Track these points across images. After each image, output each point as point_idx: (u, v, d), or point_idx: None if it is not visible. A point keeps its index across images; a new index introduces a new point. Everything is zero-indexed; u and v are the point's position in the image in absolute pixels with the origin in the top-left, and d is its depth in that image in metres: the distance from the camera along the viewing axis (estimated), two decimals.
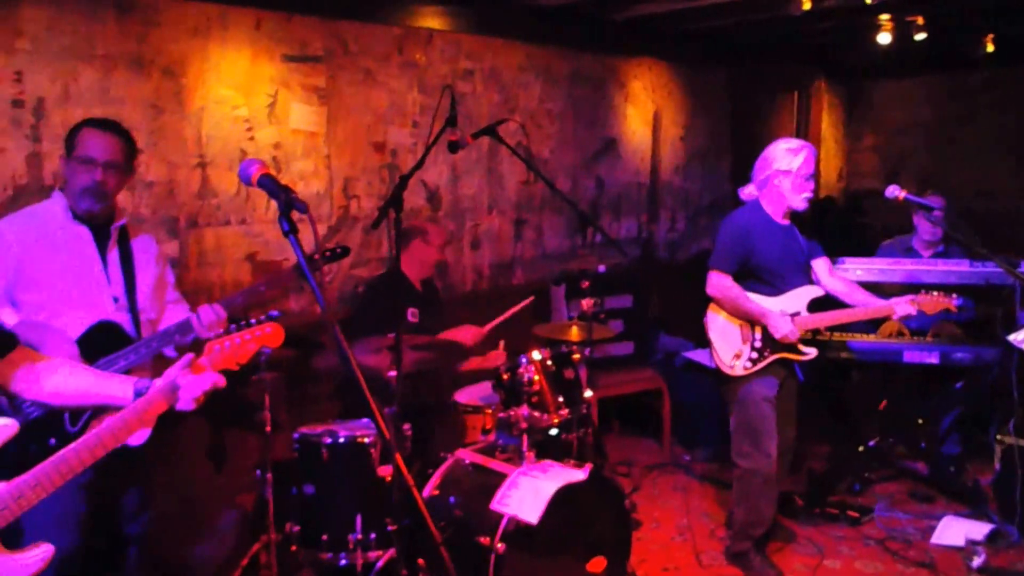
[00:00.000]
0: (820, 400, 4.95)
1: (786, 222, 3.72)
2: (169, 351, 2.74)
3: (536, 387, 3.46)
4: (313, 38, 4.21)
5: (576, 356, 3.74)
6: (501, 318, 4.07)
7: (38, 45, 3.33)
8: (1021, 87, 7.01)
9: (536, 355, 3.49)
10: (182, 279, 3.73)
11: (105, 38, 3.50)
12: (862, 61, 7.27)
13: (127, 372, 2.53)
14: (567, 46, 5.51)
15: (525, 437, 3.32)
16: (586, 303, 3.76)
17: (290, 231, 1.87)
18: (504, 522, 2.98)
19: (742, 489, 3.76)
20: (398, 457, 1.88)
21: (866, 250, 4.97)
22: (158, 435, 2.51)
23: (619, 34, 5.78)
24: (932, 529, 4.09)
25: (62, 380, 2.10)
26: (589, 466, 3.27)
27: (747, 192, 3.80)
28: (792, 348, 3.66)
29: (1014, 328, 3.77)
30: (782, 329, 3.59)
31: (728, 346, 3.72)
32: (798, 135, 7.28)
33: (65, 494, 2.29)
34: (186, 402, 2.05)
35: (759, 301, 3.68)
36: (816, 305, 3.74)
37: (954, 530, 4.02)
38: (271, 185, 1.94)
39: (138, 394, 2.06)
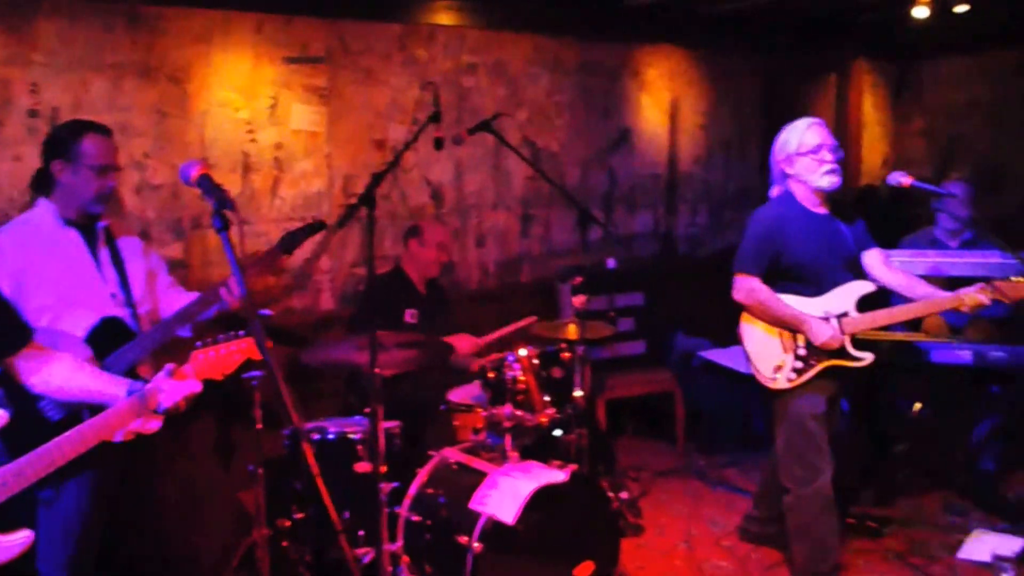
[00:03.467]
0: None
1: (824, 210, 3.70)
2: (184, 332, 3.20)
3: (522, 386, 3.81)
4: (314, 39, 4.82)
5: (566, 355, 4.08)
6: (500, 333, 4.52)
7: (52, 57, 3.98)
8: None
9: (522, 353, 3.86)
10: (187, 279, 4.36)
11: (115, 48, 4.15)
12: (909, 38, 7.42)
13: (137, 362, 3.03)
14: (577, 35, 6.02)
15: (509, 437, 3.71)
16: (578, 300, 4.07)
17: (222, 228, 2.27)
18: (481, 521, 3.30)
19: (798, 520, 3.73)
20: (306, 446, 2.31)
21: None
22: (168, 430, 2.98)
23: (633, 21, 6.25)
24: (961, 544, 4.22)
25: (66, 377, 2.57)
26: (572, 468, 3.62)
27: (772, 194, 3.86)
28: (843, 354, 3.61)
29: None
30: (822, 335, 3.55)
31: (767, 357, 3.69)
32: (837, 120, 7.58)
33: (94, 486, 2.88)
34: (164, 406, 2.48)
35: (798, 304, 3.64)
36: (870, 303, 3.70)
37: (984, 545, 4.14)
38: (207, 185, 2.41)
39: (130, 394, 2.50)
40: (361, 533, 3.66)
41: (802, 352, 3.64)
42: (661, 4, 6.10)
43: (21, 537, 2.25)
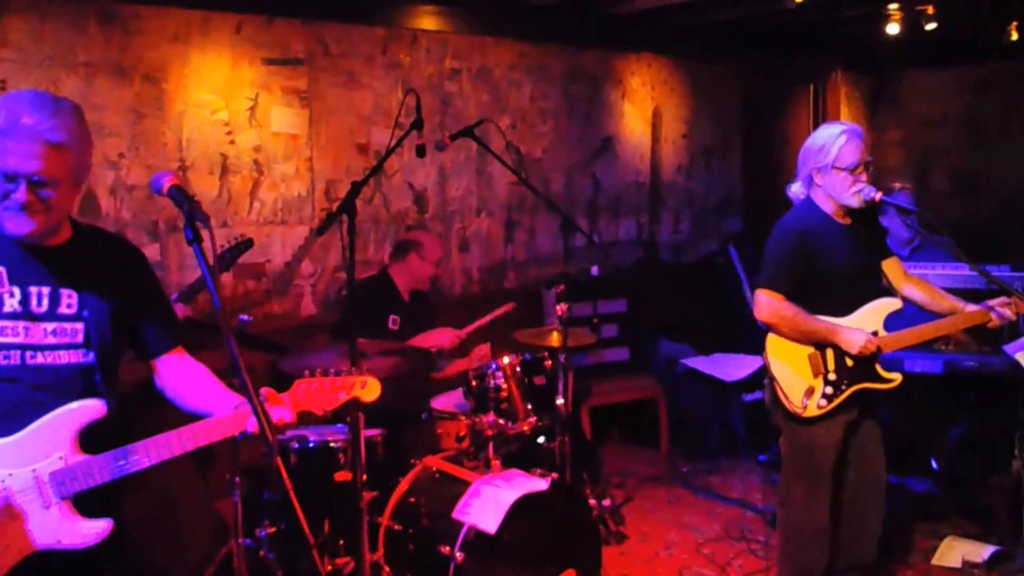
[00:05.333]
0: None
1: (847, 220, 3.41)
2: None
3: (504, 394, 3.74)
4: (294, 41, 4.63)
5: (549, 363, 3.99)
6: (480, 322, 4.41)
7: (23, 54, 3.78)
8: None
9: (505, 361, 3.77)
10: (163, 282, 4.12)
11: (87, 46, 3.95)
12: (885, 51, 7.41)
13: None
14: (562, 43, 5.89)
15: (491, 445, 3.62)
16: (561, 308, 3.94)
17: (194, 240, 2.13)
18: (464, 531, 3.22)
19: (792, 542, 3.61)
20: (279, 461, 2.16)
21: None
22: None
23: (617, 30, 6.14)
24: (934, 549, 4.20)
25: (194, 387, 2.45)
26: (554, 476, 3.52)
27: (794, 191, 3.55)
28: (873, 375, 3.39)
29: (1017, 335, 3.74)
30: (858, 342, 3.28)
31: (797, 382, 3.38)
32: (814, 130, 7.56)
33: None
34: (250, 430, 2.31)
35: None
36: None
37: (955, 551, 4.14)
38: (179, 196, 2.26)
39: (235, 408, 2.35)
40: (342, 542, 3.52)
41: (832, 376, 3.36)
42: (644, 14, 6.00)
43: (101, 525, 2.22)
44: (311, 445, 3.61)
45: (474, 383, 3.82)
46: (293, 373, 3.78)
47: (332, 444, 3.60)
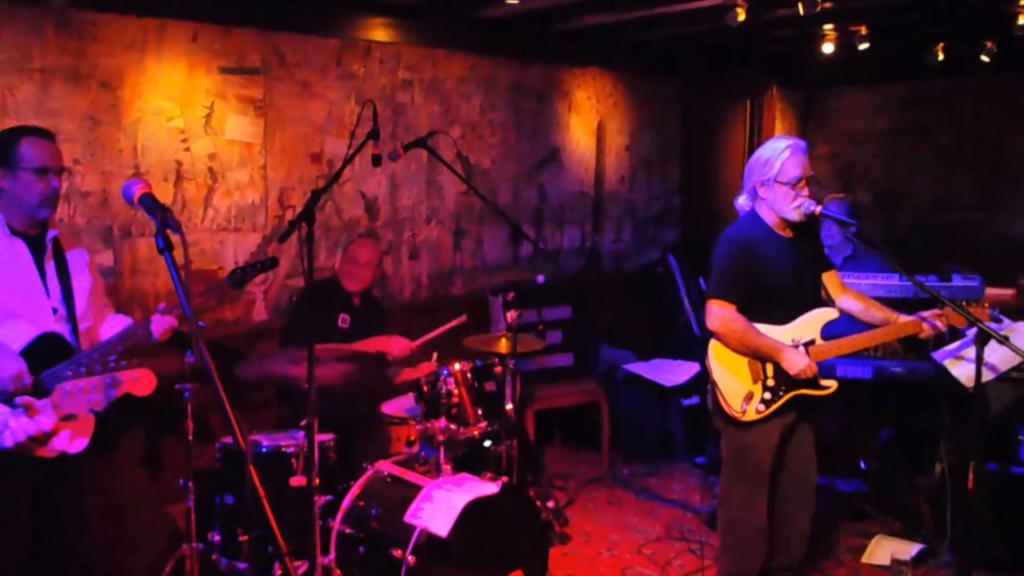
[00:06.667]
0: None
1: (789, 233, 3.47)
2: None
3: (455, 399, 3.78)
4: (250, 50, 4.61)
5: (498, 369, 4.06)
6: (432, 334, 4.43)
7: None
8: (977, 98, 7.45)
9: (456, 367, 3.82)
10: (116, 288, 4.13)
11: (43, 53, 3.88)
12: (815, 70, 7.66)
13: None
14: (510, 57, 5.96)
15: (442, 449, 3.66)
16: (511, 315, 4.04)
17: (165, 248, 2.16)
18: (416, 535, 3.25)
19: (731, 542, 3.67)
20: (251, 468, 2.18)
21: None
22: (95, 444, 2.89)
23: (563, 45, 6.25)
24: (864, 548, 4.33)
25: None
26: (504, 479, 3.58)
27: (740, 203, 3.58)
28: (811, 383, 3.44)
29: (944, 343, 3.77)
30: (798, 364, 3.35)
31: (737, 387, 3.45)
32: (750, 143, 7.72)
33: (9, 499, 2.71)
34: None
35: (767, 333, 3.44)
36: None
37: (884, 550, 4.26)
38: (150, 204, 2.30)
39: None
40: (294, 546, 3.46)
41: (771, 382, 3.43)
42: (589, 30, 6.10)
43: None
44: (264, 451, 3.60)
45: (425, 388, 3.85)
46: (247, 378, 3.83)
47: (285, 449, 3.61)
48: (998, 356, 3.40)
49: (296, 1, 4.77)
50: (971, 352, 3.30)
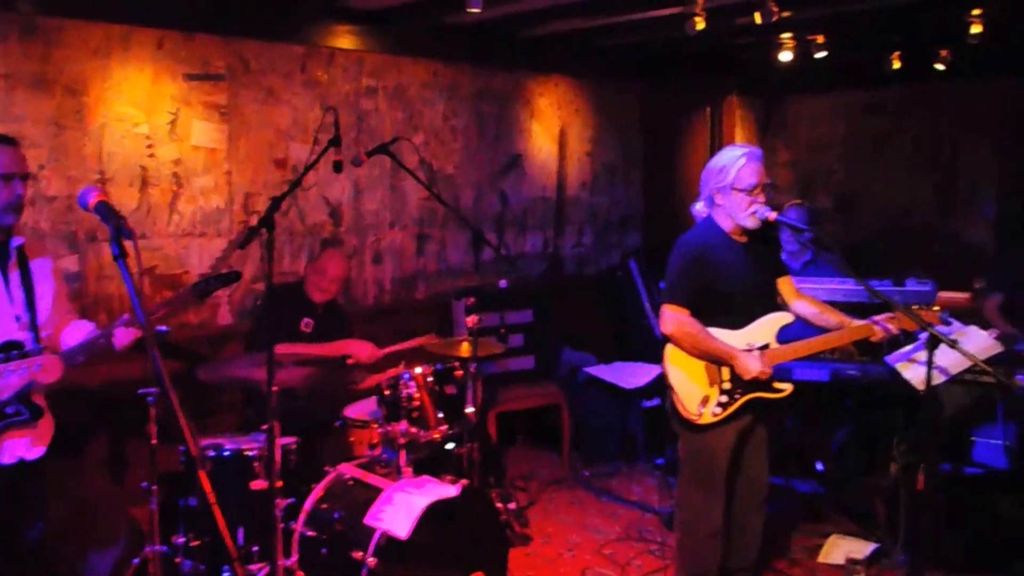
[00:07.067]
0: None
1: (744, 239, 3.52)
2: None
3: (416, 403, 3.80)
4: (215, 56, 4.66)
5: (459, 373, 4.09)
6: (401, 346, 4.44)
7: None
8: (935, 104, 7.53)
9: (417, 371, 3.84)
10: (82, 292, 4.16)
11: (8, 58, 3.92)
12: (774, 77, 7.71)
13: (33, 388, 2.88)
14: (473, 64, 6.03)
15: (404, 452, 3.69)
16: (472, 319, 4.07)
17: (119, 255, 2.21)
18: (376, 537, 3.27)
19: (688, 543, 3.70)
20: (202, 474, 2.26)
21: None
22: (58, 448, 2.95)
23: (526, 52, 6.32)
24: (820, 547, 4.37)
25: None
26: (464, 482, 3.61)
27: (697, 209, 3.62)
28: (766, 386, 3.48)
29: (898, 347, 3.79)
30: (751, 369, 3.38)
31: (693, 391, 3.47)
32: (711, 150, 7.80)
33: None
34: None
35: (722, 337, 3.45)
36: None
37: (839, 549, 4.30)
38: (106, 212, 2.33)
39: None
40: (256, 549, 3.54)
41: (727, 386, 3.45)
42: (551, 37, 6.17)
43: None
44: (226, 454, 3.61)
45: (387, 392, 3.85)
46: (211, 382, 3.86)
47: (247, 452, 3.62)
48: (948, 359, 3.43)
49: (261, 9, 4.82)
50: (923, 355, 3.32)
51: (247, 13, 4.77)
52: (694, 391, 3.48)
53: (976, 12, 5.41)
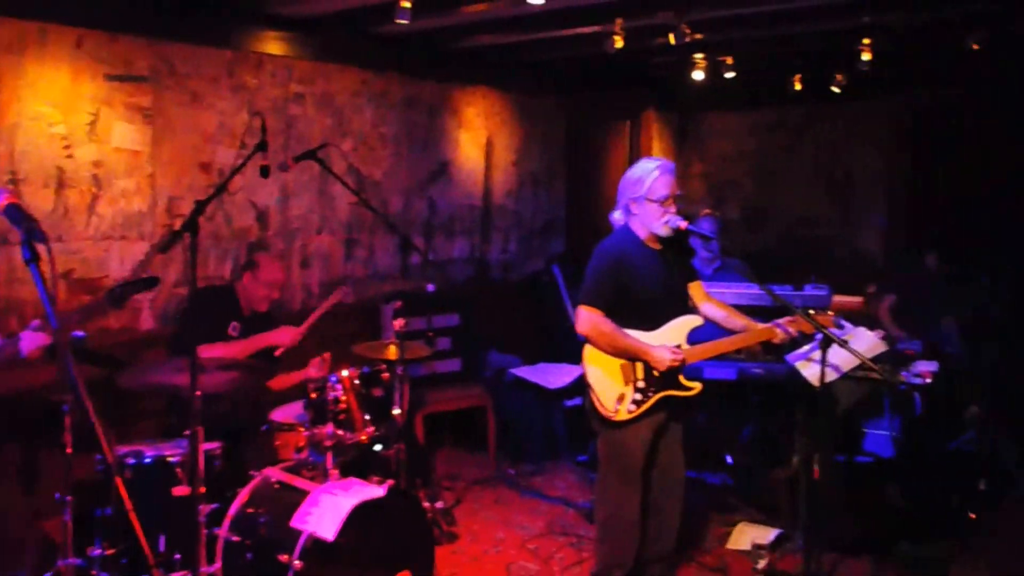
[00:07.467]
0: None
1: (658, 246, 3.57)
2: None
3: (343, 406, 3.68)
4: (138, 58, 4.38)
5: (386, 375, 3.97)
6: (315, 315, 4.27)
7: None
8: (831, 123, 7.77)
9: (344, 374, 3.71)
10: None
11: None
12: (689, 94, 7.85)
13: None
14: (403, 73, 5.86)
15: (330, 455, 3.55)
16: (399, 323, 3.96)
17: (32, 259, 2.06)
18: (302, 539, 3.16)
19: (607, 535, 3.70)
20: (118, 480, 2.09)
21: None
22: None
23: (454, 63, 6.19)
24: (729, 535, 4.44)
25: None
26: (390, 483, 3.50)
27: (615, 218, 3.65)
28: (678, 385, 3.53)
29: (799, 347, 3.88)
30: (665, 360, 3.42)
31: (609, 389, 3.50)
32: (630, 161, 7.81)
33: None
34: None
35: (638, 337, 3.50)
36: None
37: (745, 536, 4.36)
38: (15, 215, 2.14)
39: None
40: (178, 557, 3.33)
41: (641, 384, 3.49)
42: (478, 50, 6.07)
43: None
44: (147, 461, 3.41)
45: (314, 395, 3.75)
46: (132, 388, 3.61)
47: (169, 459, 3.43)
48: (840, 358, 3.55)
49: (187, 12, 4.56)
50: (818, 355, 3.44)
51: (173, 16, 4.50)
52: (611, 389, 3.49)
53: (866, 41, 5.67)
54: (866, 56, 5.73)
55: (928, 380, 4.46)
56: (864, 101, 7.30)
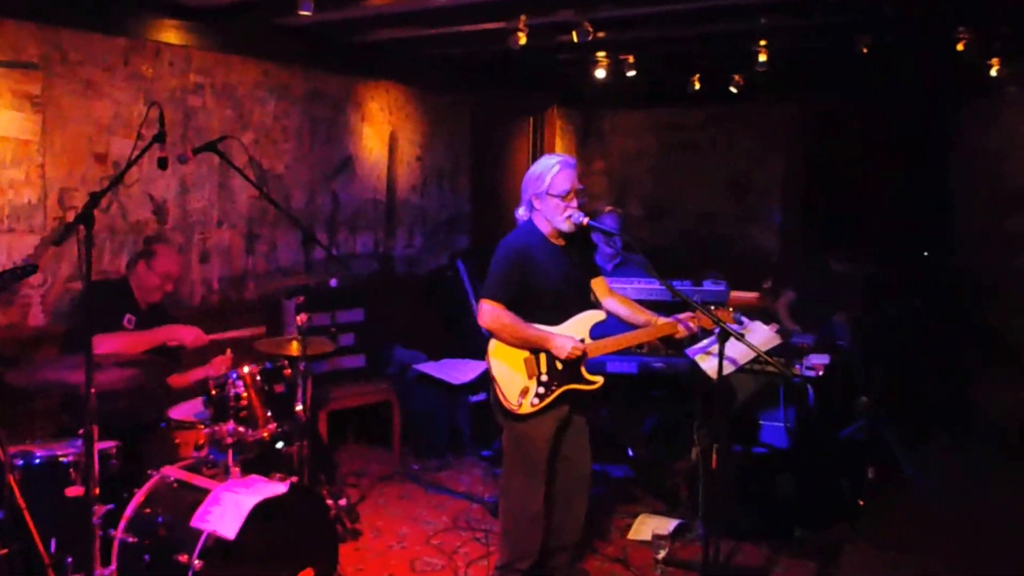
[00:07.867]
0: None
1: (561, 242, 3.63)
2: None
3: (244, 402, 3.66)
4: (27, 44, 4.24)
5: (288, 371, 3.95)
6: (228, 335, 4.24)
7: None
8: (730, 123, 8.06)
9: (245, 370, 3.68)
10: None
11: None
12: (591, 92, 7.92)
13: None
14: (305, 65, 5.81)
15: (231, 452, 3.52)
16: (301, 318, 3.94)
17: None
18: (203, 539, 3.12)
19: (511, 527, 3.74)
20: (11, 478, 2.06)
21: None
22: None
23: (358, 57, 6.17)
24: (631, 527, 4.54)
25: None
26: (292, 480, 3.49)
27: (520, 214, 3.71)
28: (580, 378, 3.59)
29: (698, 341, 3.96)
30: (566, 348, 3.49)
31: (514, 382, 3.55)
32: (533, 157, 7.93)
33: None
34: None
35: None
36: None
37: (646, 527, 4.46)
38: None
39: None
40: (70, 560, 3.24)
41: (544, 378, 3.55)
42: (382, 44, 6.07)
43: None
44: (37, 461, 3.30)
45: (214, 392, 3.70)
46: (23, 386, 3.51)
47: (62, 459, 3.33)
48: (737, 351, 3.67)
49: None
50: (716, 348, 3.54)
51: (64, 2, 4.37)
52: (514, 383, 3.54)
53: (762, 43, 5.84)
54: (763, 58, 5.93)
55: (820, 373, 4.64)
56: (762, 102, 7.55)
